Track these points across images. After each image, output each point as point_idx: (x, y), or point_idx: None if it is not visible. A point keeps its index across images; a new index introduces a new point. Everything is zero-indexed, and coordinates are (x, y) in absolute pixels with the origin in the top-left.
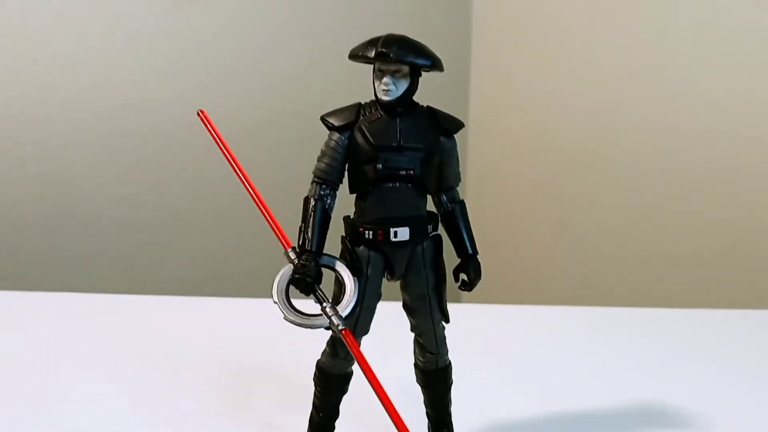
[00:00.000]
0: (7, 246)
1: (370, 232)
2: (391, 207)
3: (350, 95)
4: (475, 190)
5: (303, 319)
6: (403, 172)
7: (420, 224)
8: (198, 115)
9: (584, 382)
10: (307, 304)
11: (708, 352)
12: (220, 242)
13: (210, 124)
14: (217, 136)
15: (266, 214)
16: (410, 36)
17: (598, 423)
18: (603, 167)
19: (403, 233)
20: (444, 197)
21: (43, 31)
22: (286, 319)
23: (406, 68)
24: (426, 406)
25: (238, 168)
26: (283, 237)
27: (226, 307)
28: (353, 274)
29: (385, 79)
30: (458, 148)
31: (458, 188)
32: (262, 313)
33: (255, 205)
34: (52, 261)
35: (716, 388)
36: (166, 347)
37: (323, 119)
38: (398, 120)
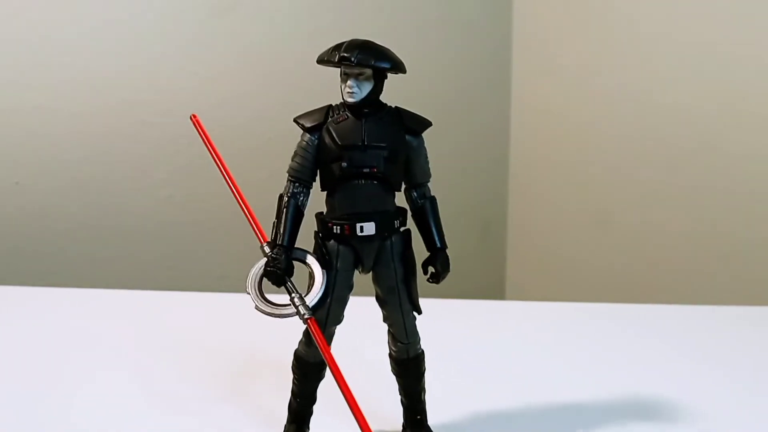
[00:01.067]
0: (57, 246)
1: (338, 228)
2: (357, 203)
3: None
4: (518, 184)
5: (273, 309)
6: (367, 170)
7: (386, 219)
8: (191, 119)
9: (618, 380)
10: (282, 297)
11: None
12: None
13: (201, 128)
14: (208, 140)
15: (246, 212)
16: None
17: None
18: (648, 160)
19: (369, 228)
20: (414, 193)
21: (91, 44)
22: (257, 308)
23: (368, 71)
24: (400, 395)
25: (224, 169)
26: (261, 232)
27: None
28: (323, 267)
29: (349, 82)
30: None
31: (429, 185)
32: None
33: (239, 205)
34: (97, 260)
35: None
36: (194, 341)
37: (295, 120)
38: (363, 120)
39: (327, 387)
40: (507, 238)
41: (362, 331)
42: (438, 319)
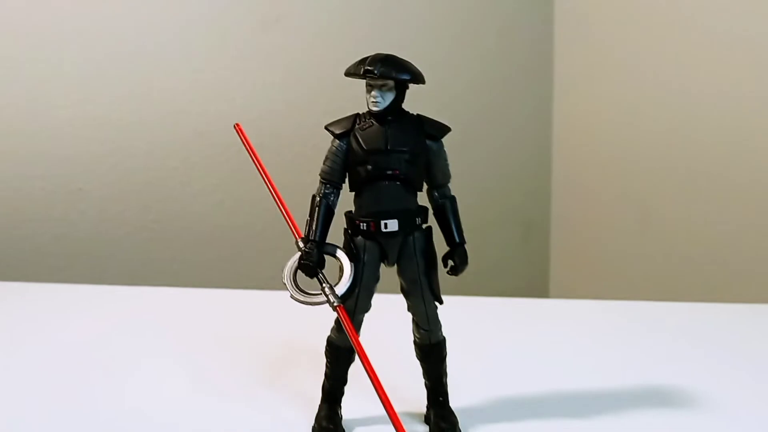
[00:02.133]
0: (116, 247)
1: (365, 225)
2: (382, 202)
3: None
4: (561, 184)
5: (306, 298)
6: (390, 172)
7: (408, 217)
8: (234, 128)
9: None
10: (315, 287)
11: None
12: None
13: (244, 136)
14: (249, 146)
15: (282, 210)
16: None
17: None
18: (691, 158)
19: (392, 225)
20: (435, 193)
21: (148, 54)
22: (292, 297)
23: (391, 82)
24: (424, 378)
25: (262, 170)
26: (296, 229)
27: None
28: (351, 260)
29: (373, 92)
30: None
31: (449, 185)
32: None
33: (276, 205)
34: (153, 261)
35: None
36: (241, 334)
37: (326, 128)
38: (387, 127)
39: (358, 371)
40: (550, 238)
41: (390, 323)
42: (479, 316)
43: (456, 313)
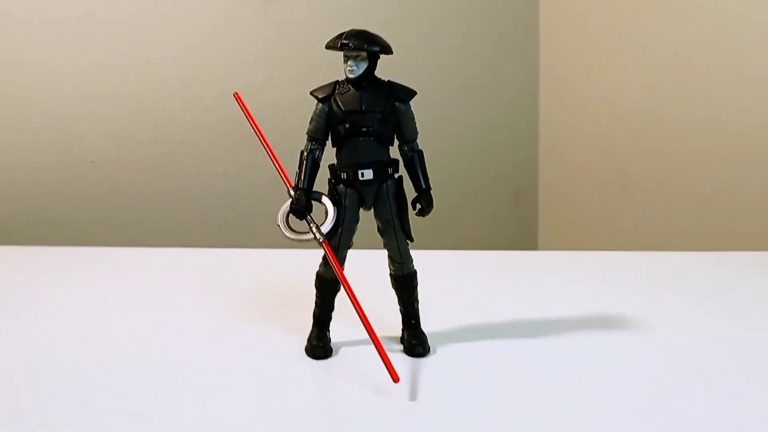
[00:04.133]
0: (131, 214)
1: (345, 174)
2: (358, 155)
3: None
4: (548, 154)
5: (296, 236)
6: (365, 129)
7: (382, 167)
8: (234, 96)
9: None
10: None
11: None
12: None
13: (242, 103)
14: (247, 111)
15: (277, 166)
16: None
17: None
18: (666, 129)
19: (368, 174)
20: (405, 148)
21: (154, 37)
22: (285, 237)
23: (363, 53)
24: (399, 304)
25: (259, 131)
26: (287, 180)
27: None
28: (334, 204)
29: (349, 62)
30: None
31: (417, 141)
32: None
33: (271, 161)
34: (164, 227)
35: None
36: (246, 284)
37: (312, 93)
38: (362, 91)
39: (344, 306)
40: (539, 202)
41: (370, 270)
42: (470, 266)
43: (450, 266)
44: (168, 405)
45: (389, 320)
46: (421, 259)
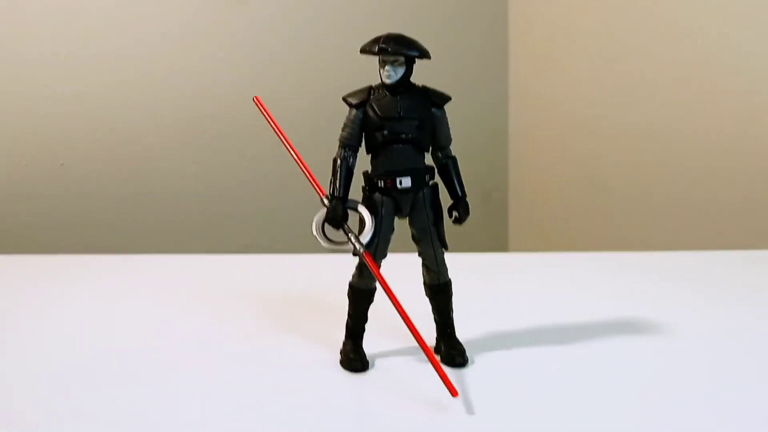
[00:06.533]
0: (105, 216)
1: (382, 182)
2: (396, 162)
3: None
4: (517, 158)
5: (335, 246)
6: (403, 136)
7: (419, 175)
8: (253, 100)
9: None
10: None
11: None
12: (277, 208)
13: (264, 108)
14: (270, 117)
15: (308, 174)
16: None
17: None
18: (636, 132)
19: (406, 182)
20: (439, 154)
21: (130, 32)
22: (323, 246)
23: (402, 58)
24: (434, 313)
25: (286, 141)
26: (320, 188)
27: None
28: (371, 214)
29: (386, 68)
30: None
31: (450, 147)
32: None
33: (300, 169)
34: (137, 229)
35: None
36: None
37: (344, 99)
38: (398, 97)
39: (375, 314)
40: (508, 204)
41: (401, 276)
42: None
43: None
44: (195, 424)
45: (420, 327)
46: (391, 263)
